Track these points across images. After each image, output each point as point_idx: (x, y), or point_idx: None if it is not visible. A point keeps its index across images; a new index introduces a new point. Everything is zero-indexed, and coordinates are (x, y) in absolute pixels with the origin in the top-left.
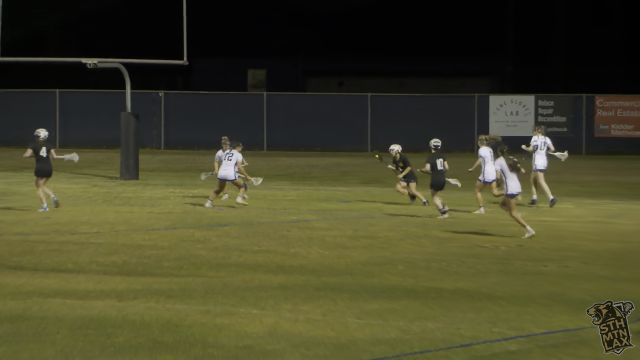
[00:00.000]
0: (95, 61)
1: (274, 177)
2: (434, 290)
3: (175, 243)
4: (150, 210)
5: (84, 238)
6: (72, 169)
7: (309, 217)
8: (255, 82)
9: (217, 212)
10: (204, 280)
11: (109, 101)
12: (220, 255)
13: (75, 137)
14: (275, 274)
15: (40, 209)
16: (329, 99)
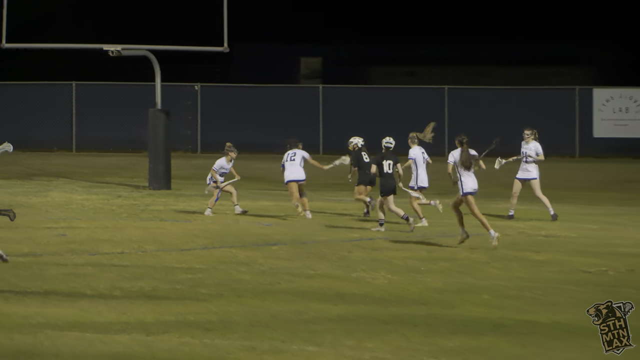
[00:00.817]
0: (119, 48)
1: (332, 186)
2: (526, 324)
3: (213, 265)
4: (184, 226)
5: (104, 259)
6: (90, 177)
7: (374, 235)
8: (308, 73)
9: (263, 229)
10: (248, 310)
11: (135, 96)
12: (268, 280)
13: (94, 138)
14: (334, 304)
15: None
16: (397, 92)
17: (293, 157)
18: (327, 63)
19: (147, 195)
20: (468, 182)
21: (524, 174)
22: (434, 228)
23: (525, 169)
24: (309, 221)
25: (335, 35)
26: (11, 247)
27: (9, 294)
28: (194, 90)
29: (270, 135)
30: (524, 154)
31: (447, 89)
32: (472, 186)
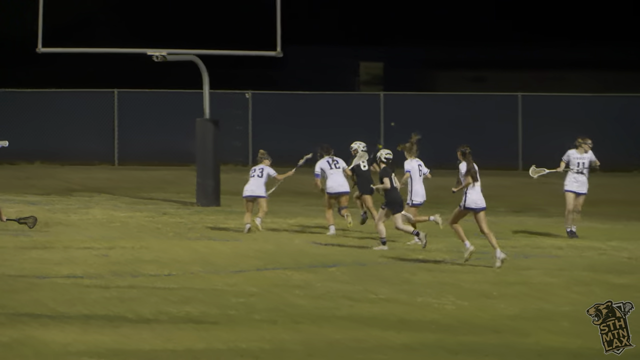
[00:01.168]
0: (164, 53)
1: None
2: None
3: (267, 289)
4: (234, 245)
5: (149, 282)
6: (133, 192)
7: (440, 256)
8: (368, 79)
9: (319, 249)
10: (305, 338)
11: (181, 104)
12: (325, 305)
13: (137, 150)
14: (397, 331)
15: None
16: (465, 100)
17: (337, 165)
18: (389, 68)
19: (194, 213)
20: (473, 196)
21: (579, 187)
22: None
23: (579, 180)
24: (368, 240)
25: (398, 37)
26: (49, 269)
27: (47, 319)
28: (245, 98)
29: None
30: (580, 164)
31: (520, 96)
32: (476, 200)
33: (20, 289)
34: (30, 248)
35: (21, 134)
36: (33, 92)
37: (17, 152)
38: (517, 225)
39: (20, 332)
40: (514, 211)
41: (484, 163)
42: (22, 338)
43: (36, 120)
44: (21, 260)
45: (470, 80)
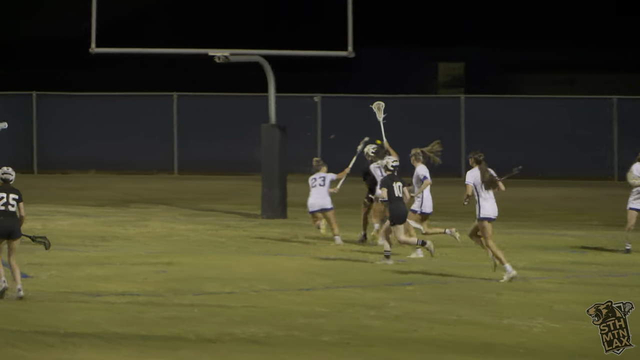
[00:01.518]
0: (227, 53)
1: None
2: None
3: (338, 309)
4: (302, 261)
5: (211, 300)
6: (194, 203)
7: (528, 274)
8: (448, 80)
9: (395, 265)
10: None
11: (245, 109)
12: (402, 326)
13: (198, 158)
14: (481, 356)
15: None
16: (554, 104)
17: None
18: (471, 69)
19: (259, 225)
20: (487, 206)
21: None
22: (590, 267)
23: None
24: (448, 256)
25: (480, 36)
26: (103, 286)
27: (101, 341)
28: (314, 102)
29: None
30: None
31: (615, 100)
32: (491, 211)
33: (73, 308)
34: (83, 264)
35: (74, 140)
36: (87, 96)
37: (70, 161)
38: (611, 240)
39: (72, 354)
40: (606, 225)
41: (574, 173)
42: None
43: (90, 126)
44: (74, 277)
45: (558, 83)
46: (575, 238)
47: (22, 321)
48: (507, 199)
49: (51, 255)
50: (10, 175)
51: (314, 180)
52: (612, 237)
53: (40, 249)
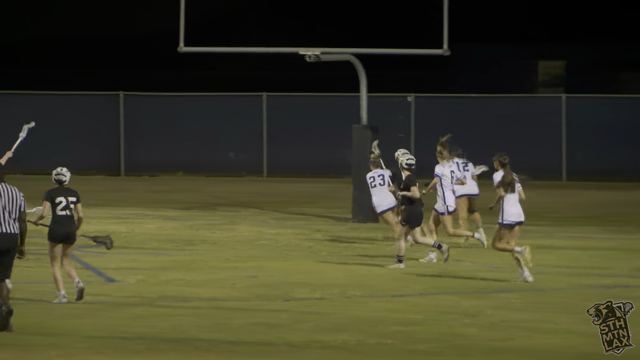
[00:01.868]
0: (317, 52)
1: (575, 219)
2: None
3: (431, 316)
4: (395, 267)
5: (301, 306)
6: (283, 207)
7: (631, 282)
8: (548, 79)
9: (491, 272)
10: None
11: (336, 109)
12: (498, 335)
13: (288, 160)
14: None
15: None
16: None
17: (466, 167)
18: (572, 67)
19: (350, 230)
20: (511, 210)
21: None
22: None
23: None
24: (547, 262)
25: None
26: (191, 291)
27: (188, 348)
28: (407, 102)
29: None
30: None
31: None
32: (516, 215)
33: (160, 314)
34: (170, 268)
35: (161, 142)
36: (175, 96)
37: (157, 163)
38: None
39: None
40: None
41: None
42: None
43: (178, 126)
44: (161, 281)
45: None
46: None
47: (108, 327)
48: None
49: (138, 260)
50: (64, 176)
51: (373, 180)
52: None
53: (127, 254)
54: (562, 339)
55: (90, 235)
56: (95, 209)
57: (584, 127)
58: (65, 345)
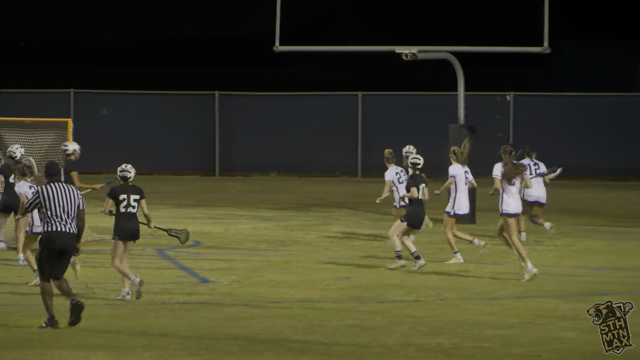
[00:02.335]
0: (414, 50)
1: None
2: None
3: (529, 319)
4: (491, 269)
5: (396, 308)
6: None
7: None
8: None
9: (592, 274)
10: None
11: (433, 108)
12: (598, 339)
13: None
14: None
15: None
16: None
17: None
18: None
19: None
20: (510, 202)
21: None
22: None
23: None
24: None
25: None
26: (285, 292)
27: (282, 349)
28: (506, 100)
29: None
30: None
31: None
32: (514, 207)
33: (254, 315)
34: (264, 269)
35: (256, 142)
36: (269, 96)
37: (252, 163)
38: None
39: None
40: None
41: None
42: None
43: (272, 126)
44: (255, 282)
45: None
46: None
47: (202, 328)
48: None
49: (232, 260)
50: (129, 172)
51: (398, 176)
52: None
53: (221, 254)
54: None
55: (165, 228)
56: (189, 209)
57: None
58: (159, 347)
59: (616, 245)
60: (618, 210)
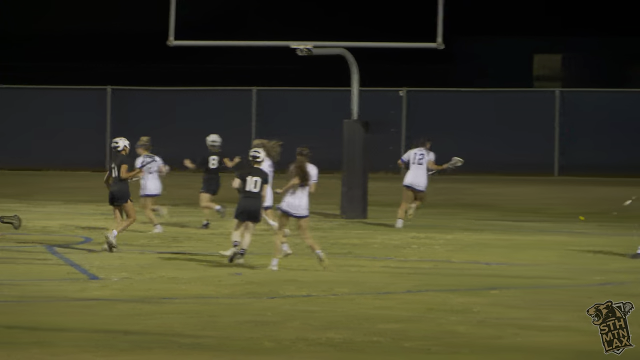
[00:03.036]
0: (309, 45)
1: (574, 214)
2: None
3: (421, 313)
4: (384, 264)
5: (287, 304)
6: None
7: (625, 279)
8: (544, 74)
9: (483, 268)
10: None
11: (327, 104)
12: (488, 333)
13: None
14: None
15: None
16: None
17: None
18: (569, 61)
19: (338, 226)
20: (291, 201)
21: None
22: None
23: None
24: (541, 259)
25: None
26: (176, 289)
27: (174, 346)
28: (399, 96)
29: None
30: None
31: None
32: (293, 205)
33: (146, 311)
34: (157, 265)
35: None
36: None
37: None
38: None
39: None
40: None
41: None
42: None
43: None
44: (147, 279)
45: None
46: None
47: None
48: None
49: (123, 257)
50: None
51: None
52: None
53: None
54: (553, 337)
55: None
56: (81, 205)
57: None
58: (49, 343)
59: (508, 239)
60: (511, 205)
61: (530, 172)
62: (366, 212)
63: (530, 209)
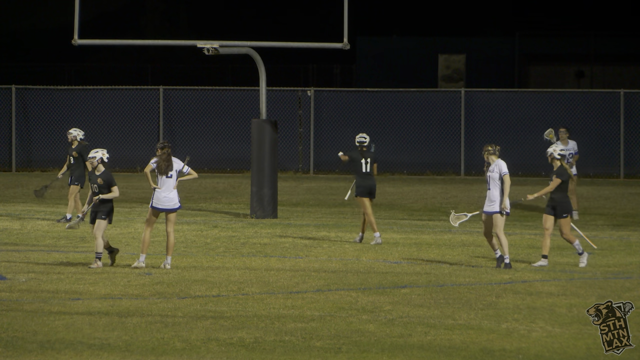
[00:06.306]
0: (216, 45)
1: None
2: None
3: (330, 312)
4: (293, 263)
5: (198, 304)
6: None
7: (530, 277)
8: (448, 74)
9: (392, 267)
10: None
11: (235, 103)
12: (397, 331)
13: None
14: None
15: None
16: (561, 97)
17: None
18: (473, 61)
19: (249, 226)
20: (158, 195)
21: None
22: (596, 270)
23: None
24: (447, 258)
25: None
26: (84, 288)
27: (82, 347)
28: (307, 96)
29: (400, 152)
30: None
31: (622, 93)
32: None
33: (53, 312)
34: (64, 266)
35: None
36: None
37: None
38: (619, 241)
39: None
40: (614, 225)
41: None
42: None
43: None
44: (54, 279)
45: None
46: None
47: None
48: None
49: (30, 257)
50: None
51: None
52: (620, 237)
53: (19, 251)
54: (461, 335)
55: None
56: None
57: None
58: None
59: (414, 238)
60: (416, 204)
61: (435, 172)
62: (276, 212)
63: (436, 208)
